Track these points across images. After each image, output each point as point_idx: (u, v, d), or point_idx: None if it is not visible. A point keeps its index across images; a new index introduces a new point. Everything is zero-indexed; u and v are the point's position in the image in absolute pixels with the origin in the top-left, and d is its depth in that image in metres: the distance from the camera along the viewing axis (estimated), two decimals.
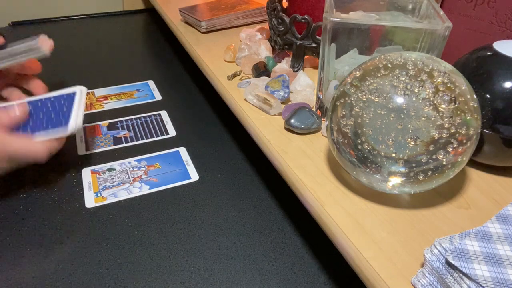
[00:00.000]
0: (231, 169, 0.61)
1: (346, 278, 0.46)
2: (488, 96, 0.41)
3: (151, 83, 0.82)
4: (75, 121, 0.52)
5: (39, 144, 0.50)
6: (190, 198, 0.55)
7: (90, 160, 0.61)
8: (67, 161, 0.60)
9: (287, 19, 0.61)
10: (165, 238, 0.49)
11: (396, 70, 0.37)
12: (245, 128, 0.55)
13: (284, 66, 0.63)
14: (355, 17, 0.50)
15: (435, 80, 0.35)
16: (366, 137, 0.36)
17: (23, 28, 1.05)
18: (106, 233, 0.50)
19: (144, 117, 0.72)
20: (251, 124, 0.53)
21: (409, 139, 0.35)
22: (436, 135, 0.35)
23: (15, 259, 0.46)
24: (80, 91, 0.56)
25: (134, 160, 0.61)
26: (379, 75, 0.37)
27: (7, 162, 0.49)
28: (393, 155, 0.36)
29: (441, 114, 0.35)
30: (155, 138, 0.66)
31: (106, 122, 0.70)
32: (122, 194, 0.55)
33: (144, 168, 0.60)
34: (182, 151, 0.64)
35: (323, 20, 0.45)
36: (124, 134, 0.67)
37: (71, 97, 0.55)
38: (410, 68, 0.36)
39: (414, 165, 0.36)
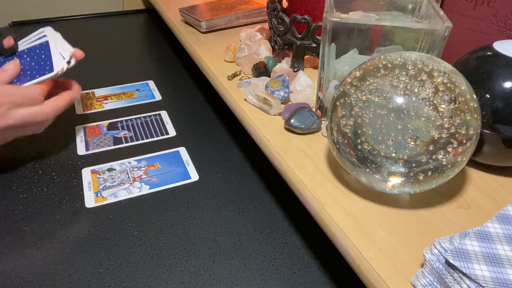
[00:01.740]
0: (231, 169, 0.61)
1: (346, 278, 0.46)
2: (488, 96, 0.41)
3: (151, 83, 0.82)
4: (58, 62, 0.56)
5: (33, 87, 0.54)
6: (190, 198, 0.55)
7: (90, 160, 0.61)
8: (67, 161, 0.60)
9: (287, 19, 0.61)
10: (165, 238, 0.49)
11: (396, 70, 0.36)
12: (245, 128, 0.55)
13: (284, 66, 0.63)
14: (355, 17, 0.50)
15: (435, 80, 0.35)
16: (366, 137, 0.36)
17: (23, 28, 1.05)
18: (106, 233, 0.50)
19: (144, 117, 0.72)
20: (251, 124, 0.53)
21: (409, 139, 0.35)
22: (436, 135, 0.35)
23: (15, 259, 0.46)
24: (50, 36, 0.58)
25: (134, 160, 0.61)
26: (379, 75, 0.37)
27: (10, 113, 0.51)
28: (393, 155, 0.36)
29: (441, 114, 0.34)
30: (155, 138, 0.66)
31: (106, 122, 0.70)
32: (122, 194, 0.55)
33: (144, 168, 0.60)
34: (182, 151, 0.64)
35: (323, 20, 0.45)
36: (124, 134, 0.67)
37: (45, 46, 0.57)
38: (410, 68, 0.36)
39: (414, 165, 0.36)
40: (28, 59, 0.56)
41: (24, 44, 0.59)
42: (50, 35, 0.58)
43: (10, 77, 0.54)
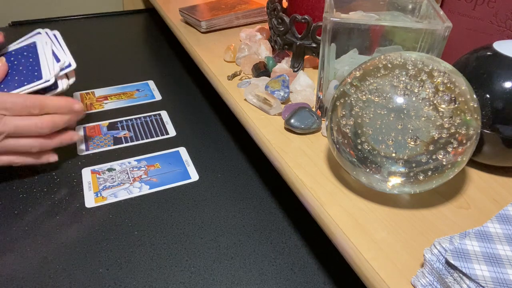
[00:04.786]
0: (231, 169, 0.61)
1: (346, 278, 0.46)
2: (488, 96, 0.41)
3: (151, 83, 0.82)
4: (48, 68, 0.52)
5: (29, 96, 0.49)
6: (190, 198, 0.55)
7: (90, 160, 0.61)
8: (67, 161, 0.60)
9: (287, 19, 0.61)
10: (165, 238, 0.49)
11: (396, 70, 0.36)
12: (245, 128, 0.55)
13: (284, 66, 0.63)
14: (355, 17, 0.50)
15: (435, 80, 0.35)
16: (366, 137, 0.36)
17: (23, 28, 1.04)
18: (106, 233, 0.50)
19: (144, 117, 0.72)
20: (251, 124, 0.53)
21: (409, 139, 0.35)
22: (436, 135, 0.35)
23: (15, 259, 0.46)
24: (40, 39, 0.54)
25: (134, 160, 0.61)
26: (379, 75, 0.37)
27: (3, 120, 0.48)
28: (393, 155, 0.36)
29: (441, 114, 0.35)
30: (155, 138, 0.66)
31: (106, 122, 0.70)
32: (122, 194, 0.55)
33: (144, 168, 0.60)
34: (182, 151, 0.64)
35: (323, 20, 0.45)
36: (124, 134, 0.67)
37: (32, 48, 0.53)
38: (410, 68, 0.36)
39: (414, 165, 0.36)
40: (16, 62, 0.53)
41: (13, 45, 0.55)
42: (42, 37, 0.54)
43: None
